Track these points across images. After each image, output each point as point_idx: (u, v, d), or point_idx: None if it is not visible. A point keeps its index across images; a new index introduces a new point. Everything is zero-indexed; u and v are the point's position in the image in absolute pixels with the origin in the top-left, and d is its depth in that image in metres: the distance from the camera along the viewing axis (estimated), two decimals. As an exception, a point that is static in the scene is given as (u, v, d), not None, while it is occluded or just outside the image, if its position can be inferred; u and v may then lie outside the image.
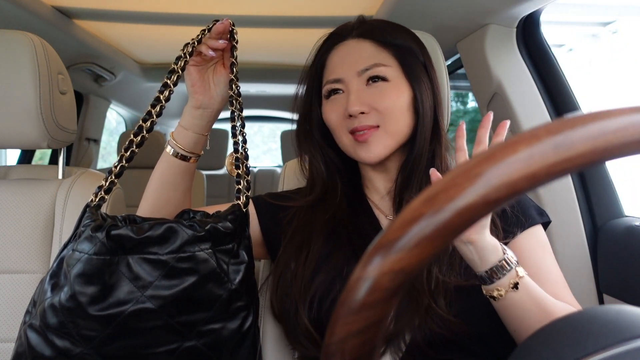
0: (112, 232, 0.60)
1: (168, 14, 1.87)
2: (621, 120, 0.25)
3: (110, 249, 0.59)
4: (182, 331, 0.60)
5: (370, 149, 0.80)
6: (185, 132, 0.78)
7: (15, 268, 1.01)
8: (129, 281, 0.59)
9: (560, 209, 1.29)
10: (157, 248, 0.60)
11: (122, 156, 0.70)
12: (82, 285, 0.58)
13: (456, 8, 1.34)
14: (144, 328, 0.58)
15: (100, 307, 0.58)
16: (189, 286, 0.59)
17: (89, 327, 0.57)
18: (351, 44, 0.85)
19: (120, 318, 0.58)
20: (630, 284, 1.15)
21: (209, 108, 0.78)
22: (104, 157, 4.35)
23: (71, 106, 1.12)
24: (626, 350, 0.29)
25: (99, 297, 0.58)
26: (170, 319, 0.59)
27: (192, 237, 0.61)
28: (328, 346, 0.28)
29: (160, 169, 0.79)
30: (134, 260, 0.60)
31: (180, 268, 0.60)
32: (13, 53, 1.01)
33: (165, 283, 0.59)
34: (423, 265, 0.26)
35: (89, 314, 0.57)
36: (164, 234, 0.61)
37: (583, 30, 3.53)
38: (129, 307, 0.58)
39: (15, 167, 1.14)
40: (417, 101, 0.82)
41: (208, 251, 0.62)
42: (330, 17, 1.82)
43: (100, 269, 0.58)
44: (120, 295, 0.58)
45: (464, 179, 0.26)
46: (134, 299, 0.58)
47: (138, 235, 0.60)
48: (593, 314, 0.34)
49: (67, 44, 1.97)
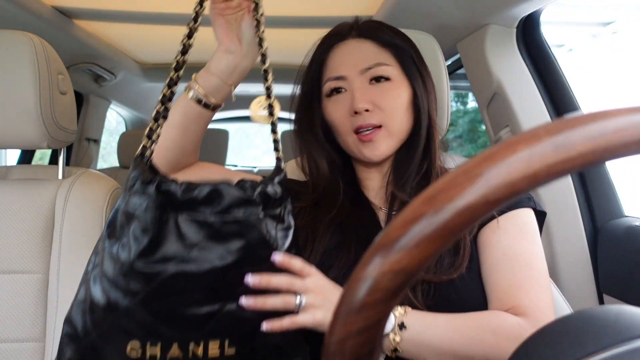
0: (162, 187, 0.59)
1: (168, 14, 1.87)
2: (621, 120, 0.25)
3: (160, 205, 0.58)
4: (224, 294, 0.59)
5: (375, 146, 0.82)
6: (210, 76, 0.75)
7: (15, 268, 1.01)
8: (175, 240, 0.58)
9: (560, 209, 1.29)
10: (204, 208, 0.59)
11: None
12: (135, 239, 0.58)
13: (456, 8, 1.34)
14: (186, 288, 0.58)
15: (145, 263, 0.57)
16: (235, 250, 0.58)
17: (135, 281, 0.57)
18: (352, 43, 0.86)
19: (164, 275, 0.57)
20: (630, 284, 1.15)
21: (237, 53, 0.74)
22: (104, 157, 4.35)
23: (71, 106, 1.12)
24: (626, 350, 0.29)
25: (145, 252, 0.57)
26: (213, 282, 0.58)
27: (240, 200, 0.59)
28: (328, 346, 0.28)
29: (176, 114, 0.75)
30: (181, 219, 0.58)
31: (227, 231, 0.59)
32: (13, 53, 1.01)
33: (210, 245, 0.58)
34: (423, 265, 0.26)
35: (135, 268, 0.57)
36: (211, 194, 0.59)
37: (583, 30, 3.52)
38: (173, 266, 0.57)
39: (15, 167, 1.14)
40: (418, 100, 0.84)
41: (258, 216, 0.60)
42: (330, 17, 1.82)
43: (148, 224, 0.58)
44: (166, 253, 0.57)
45: (464, 179, 0.26)
46: (179, 257, 0.57)
47: (185, 193, 0.59)
48: (593, 314, 0.34)
49: (67, 44, 1.97)
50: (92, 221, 1.04)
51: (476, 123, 4.70)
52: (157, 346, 0.57)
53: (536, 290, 0.73)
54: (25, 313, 1.00)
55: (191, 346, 0.58)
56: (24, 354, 1.00)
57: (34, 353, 1.00)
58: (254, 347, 0.61)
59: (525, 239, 0.78)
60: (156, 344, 0.57)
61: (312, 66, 0.89)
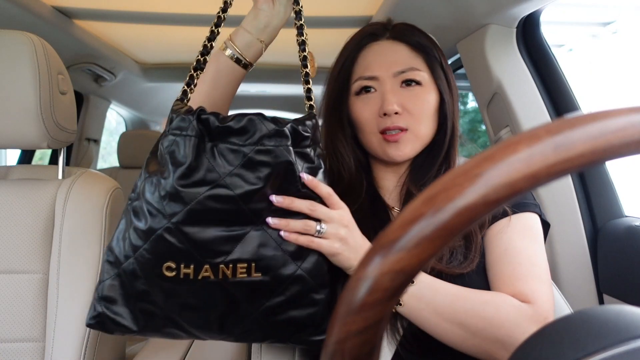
0: (202, 115, 0.65)
1: (168, 14, 1.87)
2: (621, 120, 0.25)
3: (199, 132, 0.65)
4: (251, 219, 0.65)
5: (399, 147, 0.83)
6: (244, 32, 0.79)
7: (15, 268, 1.01)
8: (211, 165, 0.64)
9: (560, 209, 1.29)
10: (238, 138, 0.65)
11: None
12: (174, 163, 0.65)
13: (456, 8, 1.34)
14: (218, 210, 0.64)
15: (183, 186, 0.64)
16: (263, 177, 0.64)
17: (173, 202, 0.64)
18: (386, 44, 0.87)
19: (199, 197, 0.63)
20: (630, 284, 1.15)
21: (269, 12, 0.78)
22: (104, 157, 4.35)
23: (71, 106, 1.12)
24: (626, 350, 0.29)
25: (184, 174, 0.64)
26: (242, 206, 0.64)
27: (272, 132, 0.65)
28: (328, 346, 0.28)
29: (210, 69, 0.79)
30: (218, 147, 0.65)
31: (258, 160, 0.64)
32: (13, 53, 1.01)
33: (242, 172, 0.64)
34: (423, 265, 0.26)
35: (173, 191, 0.64)
36: (246, 125, 0.65)
37: (583, 30, 3.52)
38: (209, 189, 0.64)
39: (15, 167, 1.14)
40: (444, 106, 0.85)
41: (287, 148, 0.65)
42: (330, 17, 1.82)
43: (189, 149, 0.64)
44: (202, 177, 0.64)
45: (464, 179, 0.26)
46: (215, 182, 0.64)
47: (222, 122, 0.65)
48: (593, 314, 0.34)
49: (67, 44, 1.97)
50: (92, 221, 1.04)
51: (476, 123, 4.70)
52: (190, 267, 0.64)
53: (537, 282, 0.74)
54: (25, 313, 1.00)
55: (221, 267, 0.64)
56: (24, 354, 1.00)
57: (34, 353, 1.00)
58: (278, 276, 0.65)
59: (528, 239, 0.79)
60: (189, 265, 0.64)
61: (342, 63, 0.88)
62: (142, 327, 0.68)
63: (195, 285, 0.64)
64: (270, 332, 0.69)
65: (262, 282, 0.65)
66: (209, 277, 0.64)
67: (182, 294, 0.65)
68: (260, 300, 0.66)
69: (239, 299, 0.65)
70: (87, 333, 1.01)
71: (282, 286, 0.66)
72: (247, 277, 0.65)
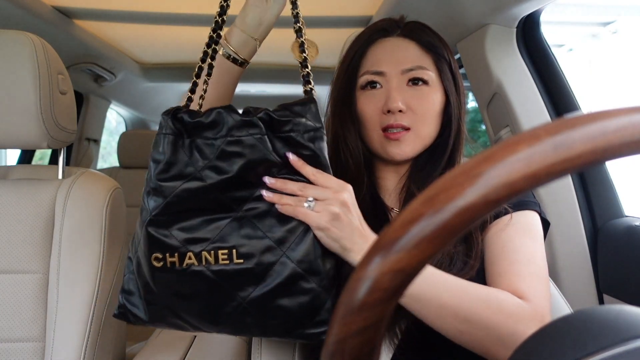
0: (177, 114, 0.70)
1: (168, 14, 1.87)
2: (621, 120, 0.25)
3: (176, 130, 0.69)
4: (233, 206, 0.68)
5: (401, 146, 0.82)
6: (238, 31, 0.79)
7: (15, 268, 1.01)
8: (188, 160, 0.68)
9: (560, 209, 1.29)
10: (211, 132, 0.69)
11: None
12: (154, 160, 0.70)
13: (456, 8, 1.34)
14: (197, 200, 0.68)
15: (163, 178, 0.69)
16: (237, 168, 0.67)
17: (155, 196, 0.69)
18: (397, 41, 0.86)
19: (177, 190, 0.68)
20: (630, 284, 1.15)
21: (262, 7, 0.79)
22: (104, 157, 4.35)
23: (71, 106, 1.12)
24: (626, 350, 0.29)
25: (163, 170, 0.69)
26: (219, 194, 0.67)
27: (239, 122, 0.68)
28: (328, 346, 0.28)
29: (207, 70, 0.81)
30: (195, 143, 0.69)
31: (229, 151, 0.67)
32: (13, 53, 1.01)
33: (217, 163, 0.67)
34: (423, 265, 0.26)
35: (154, 186, 0.69)
36: (215, 118, 0.68)
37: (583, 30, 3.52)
38: (185, 182, 0.68)
39: (15, 167, 1.14)
40: (450, 107, 0.84)
41: (257, 136, 0.67)
42: (330, 17, 1.82)
43: (166, 146, 0.69)
44: (180, 170, 0.68)
45: (464, 179, 0.26)
46: (190, 175, 0.68)
47: (193, 118, 0.69)
48: (593, 314, 0.34)
49: (67, 44, 1.97)
50: (92, 221, 1.04)
51: (476, 123, 4.71)
52: (174, 256, 0.67)
53: (535, 280, 0.73)
54: (25, 313, 1.00)
55: (203, 254, 0.67)
56: (24, 354, 1.00)
57: (34, 353, 1.00)
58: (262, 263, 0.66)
59: (527, 237, 0.78)
60: (173, 254, 0.67)
61: (352, 57, 0.88)
62: (150, 317, 0.72)
63: (183, 274, 0.67)
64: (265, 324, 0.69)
65: (246, 270, 0.66)
66: (193, 264, 0.67)
67: (172, 283, 0.68)
68: (247, 288, 0.67)
69: (225, 288, 0.67)
70: (87, 333, 1.01)
71: (267, 273, 0.66)
72: (230, 263, 0.66)
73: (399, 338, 0.75)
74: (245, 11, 0.79)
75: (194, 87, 0.77)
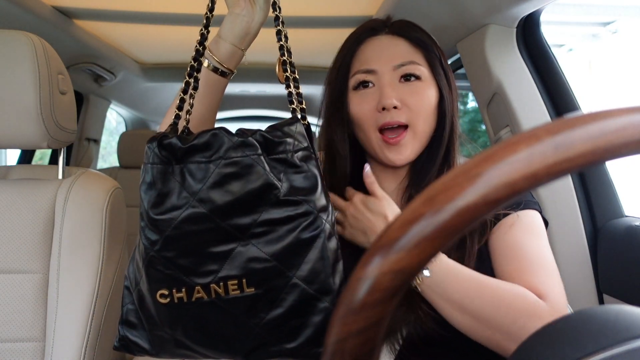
0: (164, 141, 0.65)
1: (168, 14, 1.87)
2: (621, 120, 0.25)
3: (164, 158, 0.65)
4: (236, 234, 0.64)
5: (400, 150, 0.81)
6: (223, 43, 0.76)
7: (15, 268, 1.01)
8: (181, 188, 0.64)
9: (560, 209, 1.29)
10: (203, 155, 0.64)
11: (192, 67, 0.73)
12: (145, 192, 0.65)
13: (456, 8, 1.34)
14: (198, 230, 0.63)
15: (158, 212, 0.64)
16: (235, 191, 0.63)
17: (152, 231, 0.65)
18: (385, 39, 0.85)
19: (176, 222, 0.63)
20: (630, 284, 1.15)
21: (248, 17, 0.75)
22: (104, 157, 4.35)
23: (71, 106, 1.12)
24: (626, 350, 0.29)
25: (156, 203, 0.64)
26: (221, 222, 0.63)
27: (237, 143, 0.64)
28: (328, 346, 0.28)
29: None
30: (186, 167, 0.64)
31: (225, 173, 0.63)
32: (13, 53, 1.01)
33: (214, 188, 0.63)
34: (423, 265, 0.26)
35: (150, 220, 0.65)
36: (209, 140, 0.64)
37: (583, 30, 3.52)
38: (183, 212, 0.63)
39: (15, 167, 1.14)
40: (443, 102, 0.83)
41: (254, 156, 0.63)
42: (330, 17, 1.82)
43: (155, 176, 0.65)
44: (175, 201, 0.64)
45: (464, 179, 0.26)
46: (187, 204, 0.63)
47: (184, 144, 0.64)
48: (593, 314, 0.34)
49: (67, 44, 1.97)
50: (92, 221, 1.04)
51: (476, 123, 4.71)
52: (182, 291, 0.64)
53: (549, 278, 0.73)
54: (25, 313, 1.00)
55: (212, 287, 0.63)
56: (24, 354, 1.00)
57: (34, 353, 1.00)
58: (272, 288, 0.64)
59: (534, 236, 0.78)
60: (181, 289, 0.64)
61: (342, 58, 0.86)
62: (157, 350, 0.69)
63: (191, 307, 0.64)
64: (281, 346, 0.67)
65: (257, 296, 0.64)
66: (203, 297, 0.64)
67: (181, 317, 0.65)
68: (259, 314, 0.64)
69: (237, 315, 0.64)
70: (87, 333, 1.01)
71: (279, 297, 0.64)
72: (241, 293, 0.64)
73: (400, 344, 0.74)
74: (231, 23, 0.75)
75: (181, 104, 0.73)
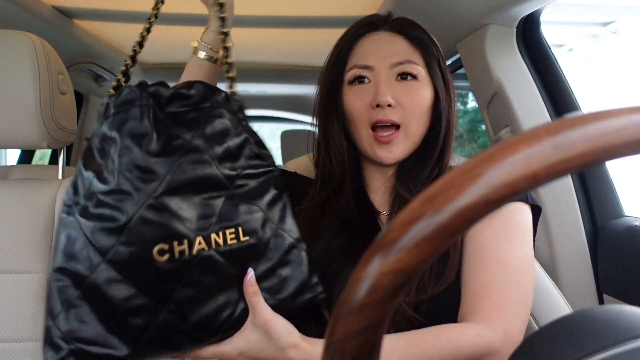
0: (149, 89, 0.66)
1: (168, 14, 1.87)
2: (621, 120, 0.25)
3: (152, 101, 0.65)
4: (225, 182, 0.65)
5: (391, 149, 0.80)
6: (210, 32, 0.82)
7: (15, 268, 1.01)
8: (175, 133, 0.64)
9: (560, 209, 1.29)
10: (187, 102, 0.67)
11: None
12: (130, 137, 0.62)
13: (456, 8, 1.34)
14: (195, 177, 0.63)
15: (155, 153, 0.62)
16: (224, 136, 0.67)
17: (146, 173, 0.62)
18: (384, 35, 0.84)
19: (175, 165, 0.63)
20: (630, 284, 1.15)
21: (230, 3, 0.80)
22: (104, 157, 4.33)
23: (71, 106, 1.12)
24: (626, 350, 0.29)
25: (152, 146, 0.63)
26: (217, 168, 0.65)
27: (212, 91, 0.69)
28: (328, 346, 0.28)
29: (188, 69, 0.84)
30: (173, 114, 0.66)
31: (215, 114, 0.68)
32: (13, 53, 1.01)
33: (205, 134, 0.65)
34: (423, 265, 0.26)
35: (146, 160, 0.62)
36: (197, 91, 0.68)
37: (583, 30, 3.52)
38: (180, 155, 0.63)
39: (15, 167, 1.14)
40: (439, 103, 0.83)
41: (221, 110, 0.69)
42: (330, 17, 1.82)
43: (146, 117, 0.63)
44: (167, 143, 0.63)
45: (464, 179, 0.26)
46: (181, 147, 0.64)
47: (168, 92, 0.68)
48: (593, 314, 0.34)
49: (67, 44, 1.97)
50: (92, 221, 1.04)
51: (476, 123, 4.71)
52: (184, 243, 0.60)
53: (508, 292, 0.71)
54: (25, 313, 1.00)
55: (212, 236, 0.62)
56: (24, 354, 1.00)
57: (34, 353, 1.00)
58: (261, 237, 0.66)
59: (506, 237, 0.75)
60: (182, 241, 0.60)
61: (339, 51, 0.86)
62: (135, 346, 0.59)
63: (190, 265, 0.60)
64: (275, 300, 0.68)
65: (251, 246, 0.65)
66: (204, 249, 0.61)
67: (178, 279, 0.60)
68: (252, 267, 0.66)
69: (233, 272, 0.64)
70: (87, 333, 1.01)
71: (267, 247, 0.67)
72: (237, 242, 0.64)
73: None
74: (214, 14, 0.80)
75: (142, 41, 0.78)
